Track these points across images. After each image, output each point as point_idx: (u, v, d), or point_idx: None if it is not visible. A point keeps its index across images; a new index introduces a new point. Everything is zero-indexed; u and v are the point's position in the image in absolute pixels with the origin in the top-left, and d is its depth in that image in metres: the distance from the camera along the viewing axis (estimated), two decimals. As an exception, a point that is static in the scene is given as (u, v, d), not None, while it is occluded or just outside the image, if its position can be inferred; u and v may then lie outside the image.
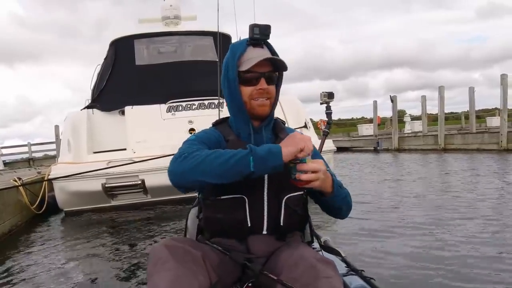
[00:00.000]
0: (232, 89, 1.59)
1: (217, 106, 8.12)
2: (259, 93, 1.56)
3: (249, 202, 1.52)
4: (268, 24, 1.56)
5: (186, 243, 1.43)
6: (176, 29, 9.95)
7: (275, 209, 1.54)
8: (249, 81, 1.56)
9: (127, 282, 3.73)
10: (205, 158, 1.37)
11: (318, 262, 1.34)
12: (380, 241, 4.55)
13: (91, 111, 8.46)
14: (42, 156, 25.06)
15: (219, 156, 1.37)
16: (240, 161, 1.35)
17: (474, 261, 3.72)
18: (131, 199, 7.15)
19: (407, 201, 6.85)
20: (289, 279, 1.32)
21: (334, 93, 4.46)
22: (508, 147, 15.58)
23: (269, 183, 1.54)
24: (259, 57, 1.53)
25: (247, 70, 1.54)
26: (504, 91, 15.83)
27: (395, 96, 21.84)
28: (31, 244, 5.49)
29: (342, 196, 1.61)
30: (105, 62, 9.30)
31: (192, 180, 1.40)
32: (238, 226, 1.53)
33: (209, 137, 1.60)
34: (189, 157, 1.39)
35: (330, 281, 1.28)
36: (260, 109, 1.58)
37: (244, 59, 1.56)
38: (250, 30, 1.55)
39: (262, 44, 1.59)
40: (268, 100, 1.59)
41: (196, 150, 1.42)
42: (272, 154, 1.35)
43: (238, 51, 1.57)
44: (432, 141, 19.51)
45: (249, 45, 1.58)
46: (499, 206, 6.01)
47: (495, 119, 27.83)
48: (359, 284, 1.61)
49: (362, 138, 26.45)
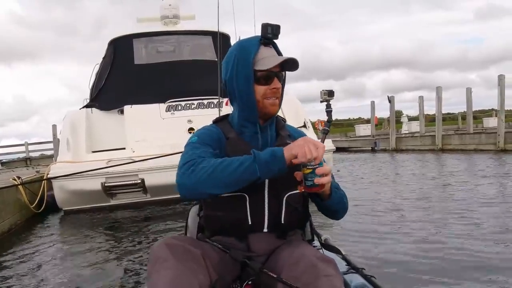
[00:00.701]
0: (247, 87, 1.57)
1: (216, 105, 8.12)
2: (272, 92, 1.56)
3: (250, 200, 1.51)
4: (278, 24, 1.56)
5: (186, 241, 1.43)
6: (175, 28, 9.95)
7: (275, 207, 1.54)
8: (264, 80, 1.55)
9: (127, 281, 3.72)
10: (214, 170, 1.37)
11: (318, 261, 1.34)
12: (381, 239, 4.57)
13: (90, 110, 8.43)
14: (39, 155, 24.97)
15: (227, 167, 1.37)
16: (247, 169, 1.36)
17: (474, 260, 3.72)
18: (131, 198, 7.14)
19: (407, 200, 6.88)
20: (289, 278, 1.32)
21: (334, 91, 4.45)
22: (506, 147, 15.63)
23: (270, 181, 1.53)
24: (277, 57, 1.55)
25: (265, 69, 1.54)
26: (501, 92, 15.88)
27: (393, 97, 21.86)
28: (30, 243, 5.48)
29: (339, 199, 1.60)
30: (103, 61, 9.28)
31: (203, 193, 1.41)
32: (238, 224, 1.53)
33: (211, 135, 1.60)
34: (196, 169, 1.39)
35: (331, 280, 1.29)
36: (271, 108, 1.58)
37: (258, 58, 1.55)
38: (264, 29, 1.55)
39: (270, 44, 1.59)
40: (277, 100, 1.59)
41: (202, 160, 1.42)
42: (275, 158, 1.36)
43: (252, 49, 1.56)
44: (429, 142, 19.55)
45: (261, 44, 1.57)
46: (500, 205, 6.03)
47: (491, 119, 27.95)
48: (360, 283, 1.61)
49: (359, 139, 26.48)
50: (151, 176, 6.67)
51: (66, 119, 8.18)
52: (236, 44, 1.63)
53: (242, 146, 1.56)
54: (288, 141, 1.59)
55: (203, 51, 9.45)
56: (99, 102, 8.54)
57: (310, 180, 1.39)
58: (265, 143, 1.59)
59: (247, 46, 1.58)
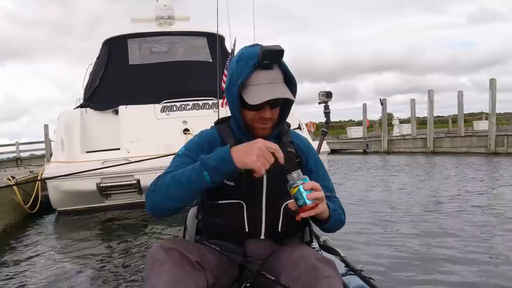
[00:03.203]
0: (234, 110, 1.54)
1: (211, 106, 8.15)
2: (262, 119, 1.50)
3: (247, 208, 1.51)
4: (281, 49, 1.44)
5: (184, 244, 1.42)
6: (169, 29, 9.92)
7: (273, 215, 1.53)
8: (253, 107, 1.48)
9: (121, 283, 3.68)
10: (168, 186, 1.39)
11: (318, 262, 1.34)
12: (379, 241, 4.59)
13: (85, 110, 8.37)
14: (29, 155, 24.76)
15: (179, 179, 1.37)
16: (197, 179, 1.35)
17: (474, 260, 3.76)
18: (125, 199, 7.10)
19: (406, 202, 6.91)
20: (289, 279, 1.32)
21: (332, 92, 4.48)
22: (496, 150, 15.81)
23: (268, 189, 1.53)
24: (266, 93, 1.44)
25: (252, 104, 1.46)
26: (492, 95, 16.03)
27: (385, 99, 22.00)
28: (24, 244, 5.44)
29: (337, 221, 1.57)
30: (97, 61, 9.22)
31: (166, 209, 1.43)
32: (236, 231, 1.53)
33: (198, 143, 1.59)
34: (156, 188, 1.42)
35: (331, 281, 1.29)
36: (261, 131, 1.54)
37: (250, 84, 1.46)
38: (261, 55, 1.42)
39: (272, 65, 1.47)
40: (270, 124, 1.54)
41: (166, 175, 1.43)
42: (224, 161, 1.33)
43: (243, 73, 1.46)
44: (421, 144, 19.69)
45: (257, 68, 1.45)
46: (496, 206, 6.13)
47: (482, 123, 28.16)
48: (358, 284, 1.62)
49: (352, 141, 26.60)
50: (147, 176, 6.61)
51: (61, 119, 8.11)
52: (236, 56, 1.53)
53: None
54: (290, 148, 1.58)
55: (197, 52, 9.44)
56: (94, 102, 8.47)
57: (301, 199, 1.33)
58: None
59: (241, 68, 1.48)
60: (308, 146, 1.71)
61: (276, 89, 1.45)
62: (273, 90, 1.44)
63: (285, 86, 1.49)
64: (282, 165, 1.33)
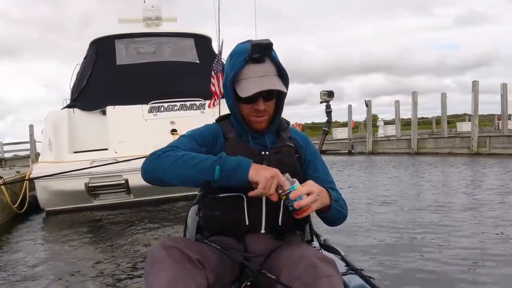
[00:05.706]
0: (229, 104, 1.60)
1: (198, 107, 8.23)
2: (256, 111, 1.55)
3: (248, 201, 1.51)
4: (269, 43, 1.50)
5: (184, 243, 1.41)
6: (157, 30, 9.96)
7: (273, 209, 1.53)
8: (247, 100, 1.53)
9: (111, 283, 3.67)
10: (175, 160, 1.42)
11: (319, 261, 1.34)
12: (380, 240, 4.60)
13: (72, 110, 8.38)
14: (12, 156, 24.39)
15: (189, 160, 1.41)
16: (207, 169, 1.39)
17: (474, 260, 3.77)
18: (114, 199, 7.13)
19: (405, 202, 6.95)
20: (289, 278, 1.32)
21: (334, 92, 4.46)
22: (479, 151, 16.08)
23: None
24: (258, 84, 1.50)
25: (245, 96, 1.52)
26: (475, 97, 16.30)
27: (370, 101, 22.29)
28: (12, 244, 5.43)
29: (338, 211, 1.59)
30: (85, 62, 9.21)
31: (160, 179, 1.46)
32: (236, 224, 1.53)
33: (204, 133, 1.62)
34: (162, 157, 1.45)
35: (331, 280, 1.28)
36: (257, 125, 1.59)
37: (241, 77, 1.53)
38: (251, 49, 1.49)
39: (263, 59, 1.53)
40: (265, 117, 1.59)
41: (172, 149, 1.47)
42: (241, 168, 1.38)
43: (235, 67, 1.53)
44: (405, 145, 19.94)
45: (248, 62, 1.52)
46: (493, 205, 6.23)
47: (465, 124, 28.48)
48: (359, 283, 1.60)
49: (337, 142, 26.80)
50: (136, 176, 6.60)
51: (48, 119, 8.11)
52: (229, 55, 1.59)
53: (242, 146, 1.59)
54: (288, 143, 1.64)
55: (185, 53, 9.50)
56: (81, 102, 8.48)
57: (290, 206, 1.39)
58: (264, 144, 1.62)
59: (233, 62, 1.55)
60: (306, 141, 1.75)
61: (267, 81, 1.50)
62: (264, 83, 1.49)
63: (278, 78, 1.55)
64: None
